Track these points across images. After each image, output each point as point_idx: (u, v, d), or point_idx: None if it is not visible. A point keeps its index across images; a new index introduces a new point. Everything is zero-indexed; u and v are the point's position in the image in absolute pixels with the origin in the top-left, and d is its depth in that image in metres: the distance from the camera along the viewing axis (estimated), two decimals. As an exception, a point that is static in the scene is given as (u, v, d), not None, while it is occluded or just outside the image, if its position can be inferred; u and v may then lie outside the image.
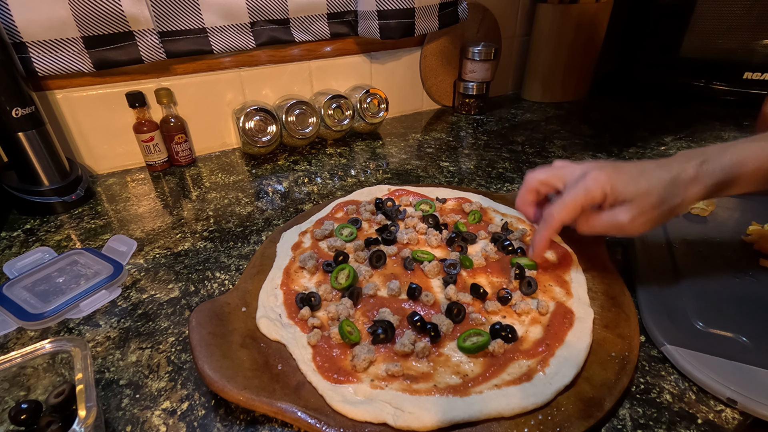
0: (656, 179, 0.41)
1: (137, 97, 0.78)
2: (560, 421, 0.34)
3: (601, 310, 0.45)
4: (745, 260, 0.52)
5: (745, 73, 1.00)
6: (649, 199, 0.40)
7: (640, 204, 0.41)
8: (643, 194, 0.40)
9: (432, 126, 1.07)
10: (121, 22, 0.73)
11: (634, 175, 0.42)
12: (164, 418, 0.38)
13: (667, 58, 1.09)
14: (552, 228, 0.44)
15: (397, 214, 0.62)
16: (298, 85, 0.96)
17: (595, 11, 1.08)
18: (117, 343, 0.46)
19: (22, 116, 0.66)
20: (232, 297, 0.48)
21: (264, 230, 0.65)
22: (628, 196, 0.41)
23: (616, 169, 0.42)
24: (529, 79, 1.21)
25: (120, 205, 0.74)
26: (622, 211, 0.41)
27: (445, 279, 0.49)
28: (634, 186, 0.41)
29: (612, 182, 0.41)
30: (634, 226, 0.41)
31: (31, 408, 0.35)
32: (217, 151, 0.95)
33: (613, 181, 0.41)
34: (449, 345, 0.41)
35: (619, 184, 0.41)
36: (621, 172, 0.42)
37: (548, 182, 0.47)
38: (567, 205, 0.43)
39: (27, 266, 0.56)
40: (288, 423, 0.37)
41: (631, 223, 0.41)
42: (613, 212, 0.42)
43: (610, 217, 0.42)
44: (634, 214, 0.41)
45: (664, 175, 0.41)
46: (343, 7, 0.93)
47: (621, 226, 0.42)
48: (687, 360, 0.39)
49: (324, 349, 0.41)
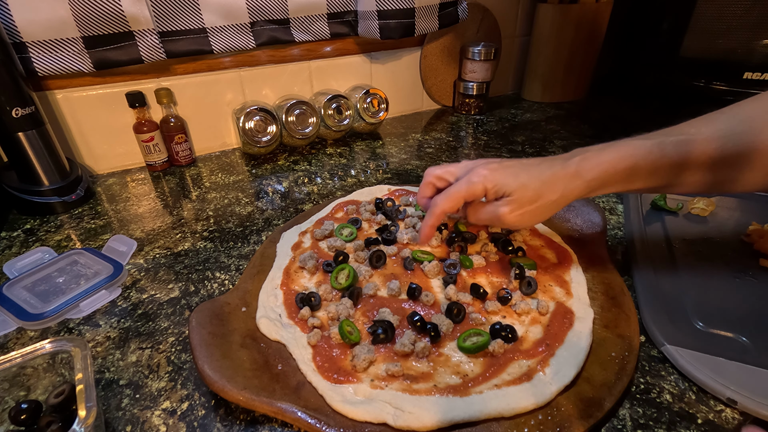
0: (536, 175, 0.43)
1: (137, 97, 0.78)
2: (560, 421, 0.34)
3: (601, 310, 0.45)
4: (745, 260, 0.52)
5: (745, 73, 1.00)
6: (526, 193, 0.43)
7: (518, 198, 0.43)
8: (521, 188, 0.43)
9: (432, 126, 1.07)
10: (121, 22, 0.73)
11: (515, 171, 0.44)
12: (164, 418, 0.38)
13: (667, 58, 1.09)
14: (435, 216, 0.47)
15: (397, 214, 0.62)
16: (298, 85, 0.96)
17: (595, 11, 1.08)
18: (117, 343, 0.46)
19: (22, 116, 0.66)
20: (232, 297, 0.48)
21: (264, 230, 0.65)
22: (507, 191, 0.43)
23: (502, 166, 0.45)
24: (529, 79, 1.21)
25: (120, 205, 0.74)
26: (502, 204, 0.44)
27: (445, 279, 0.49)
28: (513, 180, 0.43)
29: (494, 178, 0.44)
30: (513, 218, 0.44)
31: (31, 408, 0.35)
32: (217, 151, 0.95)
33: (495, 177, 0.44)
34: (449, 345, 0.41)
35: (500, 178, 0.44)
36: (505, 168, 0.44)
37: (442, 177, 0.49)
38: (449, 197, 0.46)
39: (27, 266, 0.56)
40: (288, 423, 0.37)
41: (510, 215, 0.44)
42: (495, 205, 0.45)
43: (492, 209, 0.45)
44: (512, 207, 0.43)
45: (544, 170, 0.43)
46: (343, 7, 0.93)
47: (501, 218, 0.44)
48: (687, 360, 0.39)
49: (324, 349, 0.41)
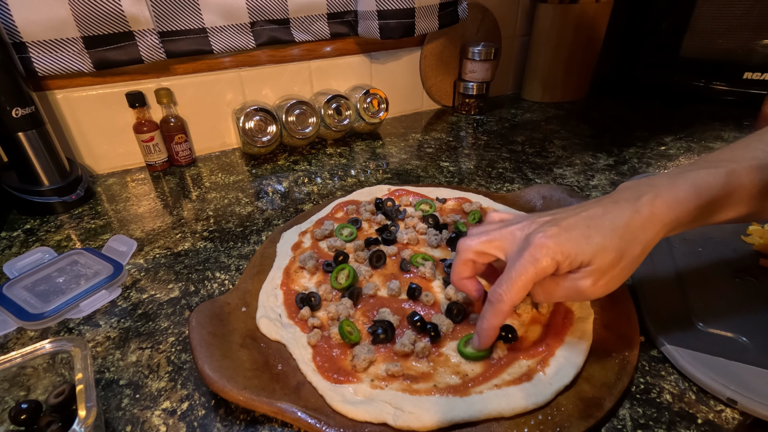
0: (608, 230, 0.35)
1: (137, 97, 0.78)
2: (560, 421, 0.34)
3: (601, 310, 0.45)
4: (745, 260, 0.52)
5: (745, 73, 1.00)
6: (607, 256, 0.35)
7: (599, 266, 0.35)
8: (600, 253, 0.35)
9: (432, 126, 1.07)
10: (121, 22, 0.73)
11: (584, 232, 0.35)
12: (164, 418, 0.38)
13: (667, 58, 1.09)
14: (502, 313, 0.37)
15: (397, 214, 0.62)
16: (298, 85, 0.96)
17: (595, 11, 1.08)
18: (117, 343, 0.46)
19: (22, 116, 0.66)
20: (232, 297, 0.48)
21: (264, 230, 0.65)
22: (584, 259, 0.35)
23: (563, 229, 0.36)
24: (529, 79, 1.21)
25: (120, 205, 0.74)
26: (581, 277, 0.35)
27: (445, 279, 0.49)
28: (587, 245, 0.35)
29: (562, 247, 0.35)
30: (599, 290, 0.36)
31: (31, 408, 0.35)
32: (217, 151, 0.95)
33: (563, 246, 0.35)
34: (449, 345, 0.41)
35: (571, 247, 0.35)
36: (568, 230, 0.36)
37: (486, 253, 0.40)
38: (515, 286, 0.35)
39: (27, 266, 0.56)
40: (288, 423, 0.37)
41: (594, 288, 0.35)
42: (572, 279, 0.36)
43: (570, 284, 0.36)
44: (595, 278, 0.35)
45: (615, 221, 0.35)
46: (343, 7, 0.93)
47: (584, 293, 0.36)
48: (687, 360, 0.39)
49: (324, 349, 0.41)
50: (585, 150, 0.89)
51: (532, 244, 0.35)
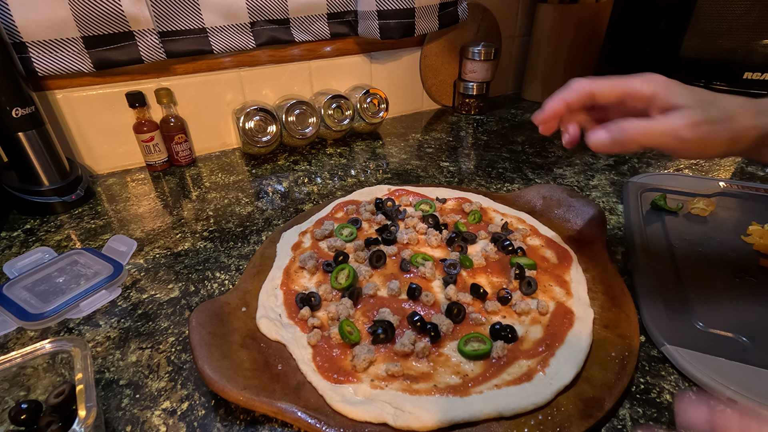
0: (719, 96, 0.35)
1: (137, 97, 0.78)
2: (560, 421, 0.34)
3: (601, 310, 0.45)
4: (745, 260, 0.52)
5: (745, 73, 1.00)
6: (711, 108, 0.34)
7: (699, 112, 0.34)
8: (703, 103, 0.34)
9: (432, 126, 1.07)
10: (121, 22, 0.73)
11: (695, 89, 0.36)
12: (164, 418, 0.38)
13: (667, 58, 1.09)
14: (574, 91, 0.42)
15: (397, 214, 0.62)
16: (298, 85, 0.96)
17: (595, 11, 1.08)
18: (117, 343, 0.46)
19: (22, 116, 0.66)
20: (232, 297, 0.48)
21: (264, 230, 0.65)
22: (684, 102, 0.34)
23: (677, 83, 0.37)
24: (529, 79, 1.21)
25: (120, 205, 0.74)
26: (676, 116, 0.34)
27: (445, 279, 0.49)
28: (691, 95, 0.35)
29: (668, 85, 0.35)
30: (692, 134, 0.34)
31: (31, 408, 0.35)
32: (217, 151, 0.95)
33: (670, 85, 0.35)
34: (449, 345, 0.41)
35: (677, 89, 0.35)
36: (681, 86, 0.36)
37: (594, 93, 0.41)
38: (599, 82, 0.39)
39: (27, 266, 0.56)
40: (288, 423, 0.37)
41: (686, 129, 0.34)
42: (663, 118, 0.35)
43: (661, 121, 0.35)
44: (692, 120, 0.33)
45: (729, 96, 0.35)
46: (343, 7, 0.93)
47: (674, 131, 0.34)
48: (687, 360, 0.39)
49: (324, 349, 0.41)
50: (585, 150, 0.89)
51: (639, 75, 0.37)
